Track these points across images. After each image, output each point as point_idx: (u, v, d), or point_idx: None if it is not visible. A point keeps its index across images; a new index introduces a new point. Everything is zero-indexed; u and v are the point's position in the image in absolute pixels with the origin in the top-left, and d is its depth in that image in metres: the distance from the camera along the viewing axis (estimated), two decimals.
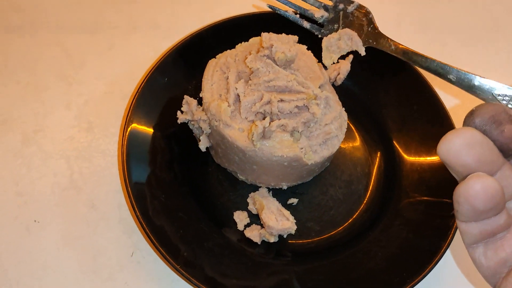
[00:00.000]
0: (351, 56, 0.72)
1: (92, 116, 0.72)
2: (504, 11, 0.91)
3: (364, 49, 0.61)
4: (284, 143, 0.59)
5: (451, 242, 0.59)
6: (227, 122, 0.58)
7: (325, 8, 0.62)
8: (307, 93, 0.59)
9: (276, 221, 0.62)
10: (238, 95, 0.60)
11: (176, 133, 0.67)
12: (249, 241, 0.63)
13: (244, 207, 0.66)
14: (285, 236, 0.64)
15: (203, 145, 0.64)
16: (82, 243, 0.62)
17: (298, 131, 0.59)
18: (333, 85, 0.71)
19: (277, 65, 0.61)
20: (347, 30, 0.61)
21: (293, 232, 0.62)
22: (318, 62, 0.68)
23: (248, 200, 0.66)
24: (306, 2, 0.66)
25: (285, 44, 0.61)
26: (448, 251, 0.60)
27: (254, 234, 0.63)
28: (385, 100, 0.74)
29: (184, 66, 0.70)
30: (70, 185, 0.66)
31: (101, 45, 0.80)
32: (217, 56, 0.65)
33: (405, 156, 0.69)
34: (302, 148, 0.59)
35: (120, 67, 0.77)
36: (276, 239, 0.63)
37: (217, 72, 0.63)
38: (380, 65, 0.74)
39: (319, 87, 0.64)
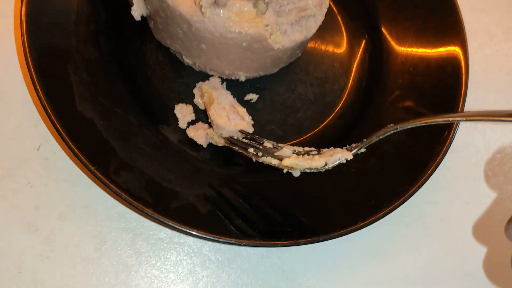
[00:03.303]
0: None
1: None
2: None
3: None
4: (243, 16, 0.43)
5: (440, 163, 0.48)
6: None
7: None
8: None
9: (228, 119, 0.49)
10: None
11: None
12: (192, 142, 0.50)
13: (189, 99, 0.52)
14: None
15: (136, 11, 0.48)
16: None
17: (264, 1, 0.44)
18: None
19: None
20: None
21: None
22: None
23: (195, 91, 0.52)
24: None
25: None
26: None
27: (199, 134, 0.50)
28: None
29: None
30: None
31: None
32: None
33: (397, 49, 0.56)
34: (267, 26, 0.44)
35: None
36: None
37: None
38: None
39: None
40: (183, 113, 0.51)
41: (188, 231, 0.42)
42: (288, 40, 0.47)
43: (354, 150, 0.44)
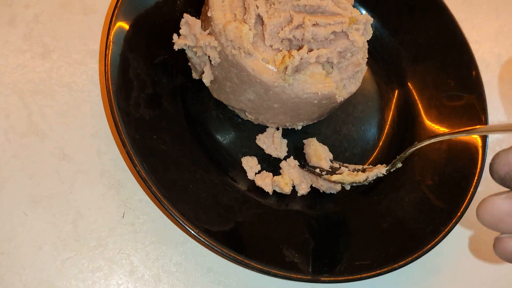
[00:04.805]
0: None
1: (47, 36, 0.54)
2: None
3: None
4: (316, 78, 0.48)
5: (480, 180, 0.55)
6: (250, 50, 0.46)
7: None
8: (346, 15, 0.48)
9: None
10: (260, 16, 0.47)
11: (166, 62, 0.53)
12: (259, 190, 0.54)
13: (252, 151, 0.56)
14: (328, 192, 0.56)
15: (207, 78, 0.51)
16: (57, 204, 0.49)
17: (331, 63, 0.49)
18: None
19: None
20: None
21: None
22: None
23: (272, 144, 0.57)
24: None
25: None
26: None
27: (266, 182, 0.54)
28: (399, 25, 0.65)
29: None
30: (29, 130, 0.50)
31: None
32: None
33: (421, 91, 0.63)
34: (335, 83, 0.50)
35: None
36: (291, 190, 0.55)
37: None
38: None
39: None
40: (250, 165, 0.55)
41: (291, 278, 0.46)
42: (347, 92, 0.52)
43: (389, 166, 0.53)
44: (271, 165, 0.56)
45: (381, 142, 0.61)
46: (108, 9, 0.57)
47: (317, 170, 0.54)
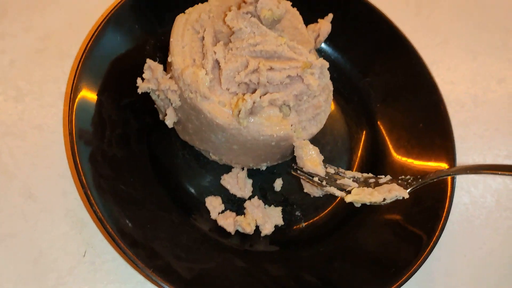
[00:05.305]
0: (330, 15, 0.63)
1: (21, 80, 0.57)
2: None
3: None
4: (272, 120, 0.50)
5: (446, 222, 0.55)
6: (206, 94, 0.47)
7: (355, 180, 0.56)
8: (301, 60, 0.49)
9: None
10: (217, 61, 0.49)
11: (133, 104, 0.55)
12: (222, 230, 0.55)
13: (217, 191, 0.57)
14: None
15: (169, 120, 0.53)
16: (19, 243, 0.50)
17: (289, 105, 0.50)
18: None
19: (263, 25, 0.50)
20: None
21: None
22: None
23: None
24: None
25: None
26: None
27: (228, 222, 0.55)
28: (368, 67, 0.66)
29: (142, 20, 0.57)
30: None
31: None
32: (187, 11, 0.53)
33: (390, 131, 0.64)
34: (292, 125, 0.51)
35: (55, 16, 0.62)
36: (253, 230, 0.55)
37: (189, 31, 0.51)
38: (362, 27, 0.66)
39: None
40: (214, 205, 0.55)
41: None
42: (307, 134, 0.53)
43: (410, 189, 0.52)
44: (236, 205, 0.57)
45: None
46: (78, 53, 0.60)
47: (316, 179, 0.53)
